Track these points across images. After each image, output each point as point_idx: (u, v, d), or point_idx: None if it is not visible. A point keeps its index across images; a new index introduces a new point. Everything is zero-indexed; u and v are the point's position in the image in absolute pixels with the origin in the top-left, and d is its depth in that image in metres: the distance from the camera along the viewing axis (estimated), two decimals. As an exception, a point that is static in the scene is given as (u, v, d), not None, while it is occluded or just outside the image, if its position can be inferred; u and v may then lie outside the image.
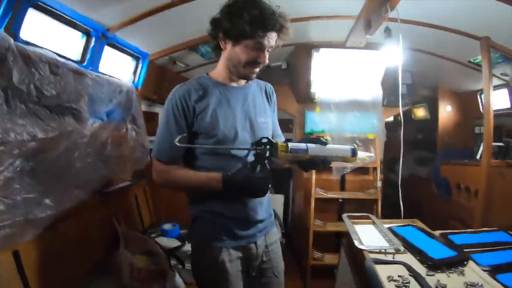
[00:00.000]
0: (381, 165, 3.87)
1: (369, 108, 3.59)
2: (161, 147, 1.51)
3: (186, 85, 1.54)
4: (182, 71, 3.78)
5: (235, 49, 1.47)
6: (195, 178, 1.51)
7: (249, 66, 1.51)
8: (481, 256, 1.63)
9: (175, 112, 1.48)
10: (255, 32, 1.40)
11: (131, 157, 2.79)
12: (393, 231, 1.94)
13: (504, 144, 3.41)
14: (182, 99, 1.48)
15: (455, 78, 4.33)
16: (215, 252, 1.54)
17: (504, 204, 3.21)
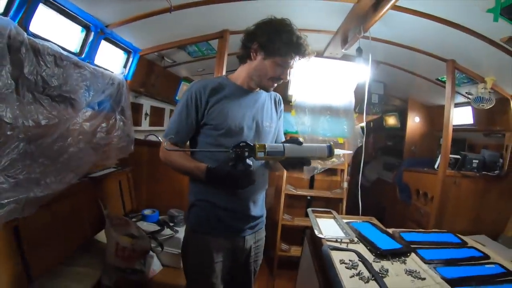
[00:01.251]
0: (349, 167, 4.08)
1: (341, 114, 3.78)
2: (169, 131, 1.66)
3: (205, 81, 1.68)
4: (169, 66, 3.95)
5: (265, 62, 1.61)
6: (186, 164, 1.64)
7: (272, 80, 1.67)
8: (426, 252, 1.83)
9: (188, 103, 1.63)
10: (288, 53, 1.56)
11: (118, 145, 2.94)
12: (350, 225, 2.14)
13: (460, 157, 3.71)
14: (198, 92, 1.62)
15: (424, 92, 4.62)
16: (205, 239, 1.68)
17: (456, 211, 3.57)
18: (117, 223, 2.61)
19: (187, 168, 1.65)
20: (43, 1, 2.00)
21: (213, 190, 1.66)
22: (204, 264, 1.69)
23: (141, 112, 4.05)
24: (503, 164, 3.61)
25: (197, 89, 1.63)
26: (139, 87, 3.56)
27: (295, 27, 1.59)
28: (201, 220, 1.70)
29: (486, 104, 3.25)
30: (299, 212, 4.00)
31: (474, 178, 3.63)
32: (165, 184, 3.36)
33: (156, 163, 3.41)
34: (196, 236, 1.72)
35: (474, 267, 1.71)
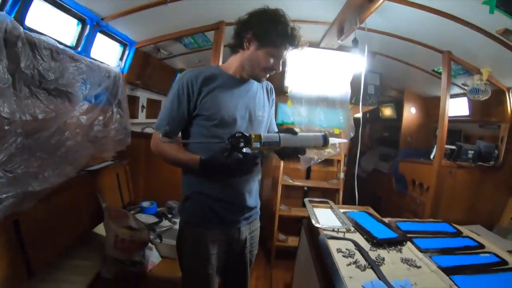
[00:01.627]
0: (345, 158, 4.09)
1: (337, 105, 3.77)
2: (161, 122, 1.62)
3: (197, 70, 1.64)
4: (165, 58, 3.95)
5: (258, 53, 1.59)
6: (179, 156, 1.64)
7: (264, 71, 1.65)
8: (421, 241, 1.85)
9: (179, 92, 1.59)
10: (283, 44, 1.56)
11: (115, 138, 2.95)
12: (347, 215, 2.17)
13: (456, 147, 3.75)
14: (189, 81, 1.59)
15: (420, 83, 4.65)
16: (200, 231, 1.68)
17: (451, 201, 3.61)
18: (116, 215, 2.62)
19: (181, 160, 1.66)
20: (40, -5, 1.99)
21: (208, 182, 1.66)
22: (199, 256, 1.69)
23: (137, 105, 4.05)
24: (499, 155, 3.65)
25: (189, 78, 1.61)
26: (135, 79, 3.56)
27: (288, 18, 1.58)
28: (196, 212, 1.69)
29: (482, 95, 3.28)
30: (296, 203, 4.01)
31: (470, 168, 3.68)
32: (162, 176, 3.37)
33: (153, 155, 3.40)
34: (191, 229, 1.72)
35: (469, 256, 1.73)
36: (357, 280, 1.36)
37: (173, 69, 4.52)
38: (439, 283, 1.40)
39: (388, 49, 3.68)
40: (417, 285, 1.36)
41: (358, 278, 1.38)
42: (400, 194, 4.66)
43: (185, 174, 1.75)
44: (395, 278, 1.39)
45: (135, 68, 3.41)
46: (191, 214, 1.71)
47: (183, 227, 1.76)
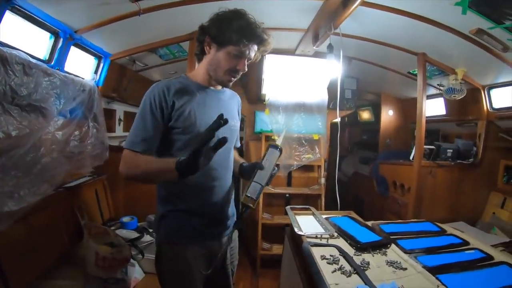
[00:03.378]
0: (325, 163, 4.13)
1: (315, 110, 3.83)
2: (134, 138, 1.47)
3: (166, 82, 1.56)
4: (141, 70, 3.93)
5: (218, 54, 1.55)
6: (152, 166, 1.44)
7: (228, 73, 1.59)
8: (406, 242, 1.85)
9: (152, 105, 1.48)
10: (240, 40, 1.50)
11: (92, 153, 2.90)
12: (330, 221, 2.16)
13: (434, 147, 3.82)
14: (161, 93, 1.50)
15: (396, 86, 4.74)
16: (180, 249, 1.61)
17: (433, 200, 3.68)
18: (96, 232, 2.59)
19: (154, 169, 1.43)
20: (10, 8, 1.96)
21: (184, 197, 1.60)
22: (181, 275, 1.63)
23: (114, 118, 4.01)
24: (477, 152, 3.74)
25: (160, 90, 1.51)
26: (111, 92, 3.53)
27: (250, 16, 1.55)
28: (173, 230, 1.62)
29: (458, 94, 3.36)
30: (278, 210, 4.01)
31: (449, 167, 3.76)
32: (141, 190, 3.33)
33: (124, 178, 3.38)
34: (170, 247, 1.64)
35: (454, 253, 1.74)
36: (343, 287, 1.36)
37: (150, 81, 4.44)
38: (426, 283, 1.40)
39: (363, 53, 3.73)
40: (404, 287, 1.36)
41: (344, 285, 1.37)
42: (382, 196, 4.70)
43: (160, 191, 1.67)
44: (381, 281, 1.39)
45: (110, 80, 3.37)
46: (168, 232, 1.64)
47: (160, 247, 1.67)
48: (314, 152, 3.87)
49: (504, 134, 3.64)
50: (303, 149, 3.85)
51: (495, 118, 3.54)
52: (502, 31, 2.46)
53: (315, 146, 3.92)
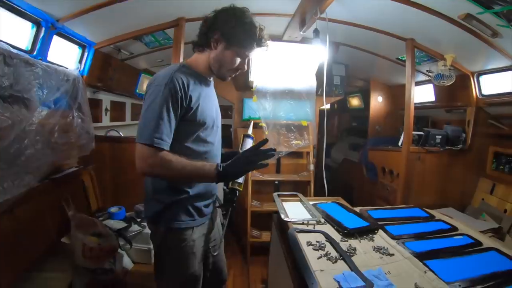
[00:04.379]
0: (314, 150, 4.14)
1: (303, 97, 3.79)
2: (156, 134, 1.44)
3: (183, 72, 1.57)
4: (127, 58, 3.88)
5: (226, 53, 1.59)
6: (188, 167, 1.49)
7: (231, 71, 1.66)
8: (394, 228, 1.86)
9: (173, 97, 1.47)
10: (250, 45, 1.58)
11: (77, 144, 2.88)
12: (317, 207, 2.17)
13: (423, 133, 3.83)
14: (182, 85, 1.50)
15: (386, 72, 4.74)
16: (188, 232, 1.67)
17: (422, 186, 3.70)
18: (83, 223, 2.57)
19: (193, 174, 1.52)
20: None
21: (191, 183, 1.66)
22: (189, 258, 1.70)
23: (101, 108, 3.98)
24: (466, 138, 3.76)
25: (179, 82, 1.50)
26: (96, 82, 3.48)
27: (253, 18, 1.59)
28: (181, 216, 1.66)
29: (447, 81, 3.36)
30: (267, 198, 3.99)
31: (438, 153, 3.78)
32: (129, 180, 3.34)
33: (119, 158, 3.39)
34: (179, 232, 1.66)
35: (443, 239, 1.76)
36: (328, 273, 1.36)
37: (137, 70, 4.46)
38: (413, 269, 1.41)
39: (352, 39, 3.72)
40: (391, 273, 1.37)
41: (330, 271, 1.38)
42: (372, 182, 4.73)
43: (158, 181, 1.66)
44: (367, 267, 1.40)
45: (95, 70, 3.33)
46: (175, 220, 1.66)
47: (167, 233, 1.67)
48: (303, 138, 3.84)
49: (493, 120, 3.65)
50: (291, 135, 3.82)
51: (484, 104, 3.55)
52: (491, 17, 2.45)
53: (304, 132, 3.89)
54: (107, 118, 4.13)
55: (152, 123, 1.44)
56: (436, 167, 3.79)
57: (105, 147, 3.35)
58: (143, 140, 1.44)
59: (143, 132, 1.45)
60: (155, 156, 1.44)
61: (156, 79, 1.53)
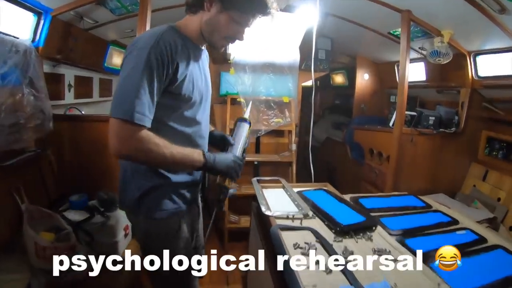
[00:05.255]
0: (296, 128, 3.95)
1: (285, 71, 3.63)
2: (137, 107, 1.22)
3: (170, 35, 1.34)
4: (91, 28, 3.52)
5: (220, 16, 1.36)
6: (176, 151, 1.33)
7: (225, 39, 1.43)
8: (390, 220, 1.74)
9: (158, 64, 1.26)
10: (250, 9, 1.35)
11: (30, 124, 2.54)
12: (303, 195, 1.96)
13: (416, 114, 3.65)
14: (168, 50, 1.28)
15: (374, 48, 4.53)
16: (172, 221, 1.51)
17: (413, 170, 3.55)
18: (37, 217, 2.32)
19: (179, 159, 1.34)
20: None
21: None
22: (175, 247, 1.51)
23: (63, 84, 3.58)
24: (459, 121, 3.60)
25: (167, 46, 1.28)
26: (55, 54, 3.11)
27: None
28: (164, 203, 1.48)
29: (443, 58, 3.18)
30: (245, 180, 3.75)
31: (431, 135, 3.61)
32: (92, 164, 3.06)
33: (80, 140, 3.08)
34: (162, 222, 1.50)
35: (445, 235, 1.67)
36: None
37: (104, 41, 4.08)
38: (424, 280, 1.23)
39: (340, 8, 3.49)
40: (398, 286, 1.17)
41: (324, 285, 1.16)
42: (356, 163, 4.60)
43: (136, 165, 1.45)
44: (370, 280, 1.19)
45: (54, 40, 2.97)
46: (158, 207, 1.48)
47: (150, 224, 1.50)
48: (284, 116, 3.70)
49: (487, 103, 3.49)
50: (272, 112, 3.67)
51: (480, 86, 3.37)
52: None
53: (285, 109, 3.73)
54: (70, 94, 3.74)
55: (132, 94, 1.22)
56: (428, 151, 3.63)
57: (65, 127, 3.01)
58: (120, 114, 1.22)
59: (121, 105, 1.23)
60: (136, 135, 1.24)
61: (138, 41, 1.30)
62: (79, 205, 2.76)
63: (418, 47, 3.62)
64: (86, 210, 2.74)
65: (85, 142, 3.06)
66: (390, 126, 3.62)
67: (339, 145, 5.30)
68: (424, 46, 3.47)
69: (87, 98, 4.15)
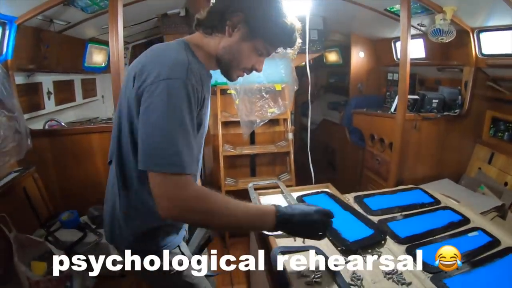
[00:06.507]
0: (292, 116, 3.87)
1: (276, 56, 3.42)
2: (184, 155, 1.03)
3: (196, 65, 1.16)
4: (64, 29, 3.35)
5: (243, 45, 1.21)
6: (244, 210, 1.14)
7: (243, 70, 1.29)
8: (398, 225, 1.66)
9: (191, 103, 1.08)
10: (278, 42, 1.24)
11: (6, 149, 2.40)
12: (304, 202, 1.86)
13: (418, 97, 3.51)
14: (199, 84, 1.13)
15: (368, 25, 4.36)
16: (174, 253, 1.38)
17: (418, 157, 3.45)
18: (27, 245, 2.19)
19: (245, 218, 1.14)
20: None
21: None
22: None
23: (41, 92, 3.43)
24: (463, 102, 3.47)
25: (197, 80, 1.11)
26: (27, 64, 2.97)
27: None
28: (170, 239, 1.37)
29: (446, 37, 3.02)
30: (242, 173, 3.78)
31: (435, 119, 3.47)
32: (78, 178, 2.96)
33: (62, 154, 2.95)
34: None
35: (457, 239, 1.56)
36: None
37: (81, 40, 3.90)
38: None
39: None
40: None
41: None
42: (357, 147, 4.49)
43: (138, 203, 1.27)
44: None
45: (24, 50, 2.83)
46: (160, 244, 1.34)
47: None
48: (278, 105, 3.56)
49: (491, 82, 3.34)
50: (264, 102, 3.53)
51: (485, 65, 3.21)
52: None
53: (278, 98, 3.59)
54: (51, 102, 3.59)
55: (179, 139, 1.02)
56: (432, 136, 3.50)
57: (45, 142, 2.88)
58: (168, 167, 1.00)
59: (165, 153, 1.01)
60: (190, 190, 1.02)
61: (162, 69, 1.07)
62: (71, 224, 2.66)
63: (417, 23, 3.47)
64: (79, 228, 2.65)
65: (68, 156, 2.97)
66: (392, 112, 3.51)
67: (336, 127, 5.17)
68: (424, 23, 3.33)
69: (70, 103, 4.03)
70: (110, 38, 2.61)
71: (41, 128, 3.31)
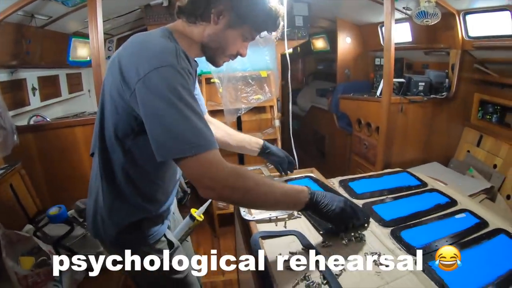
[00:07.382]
0: (278, 103, 3.86)
1: (260, 43, 3.46)
2: (207, 134, 1.04)
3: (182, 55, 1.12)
4: (47, 24, 3.32)
5: (228, 32, 1.22)
6: (280, 186, 1.19)
7: (228, 56, 1.31)
8: (383, 208, 1.66)
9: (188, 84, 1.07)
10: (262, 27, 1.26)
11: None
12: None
13: (404, 80, 3.53)
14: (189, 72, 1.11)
15: (354, 10, 4.36)
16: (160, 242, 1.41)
17: (405, 140, 3.49)
18: (15, 241, 2.20)
19: (281, 195, 1.18)
20: None
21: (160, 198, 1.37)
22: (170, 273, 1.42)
23: (26, 89, 3.43)
24: (450, 84, 3.49)
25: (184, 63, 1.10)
26: (9, 60, 2.97)
27: None
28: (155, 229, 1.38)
29: (431, 19, 3.03)
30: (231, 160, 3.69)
31: (422, 103, 3.51)
32: (64, 172, 2.98)
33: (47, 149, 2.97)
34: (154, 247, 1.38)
35: (444, 221, 1.56)
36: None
37: (64, 35, 3.87)
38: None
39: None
40: None
41: None
42: (345, 133, 4.55)
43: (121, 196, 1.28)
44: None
45: (4, 46, 2.85)
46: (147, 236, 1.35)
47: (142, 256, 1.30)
48: (264, 91, 3.58)
49: (479, 65, 3.37)
50: (250, 89, 3.55)
51: (472, 47, 3.24)
52: None
53: (264, 84, 3.60)
54: (36, 98, 3.59)
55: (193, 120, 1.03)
56: (419, 119, 3.55)
57: (30, 138, 2.90)
58: (198, 148, 1.01)
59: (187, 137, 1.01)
60: (227, 168, 1.05)
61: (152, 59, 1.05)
62: (58, 218, 2.60)
63: (402, 7, 3.46)
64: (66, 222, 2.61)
65: (53, 151, 2.99)
66: (378, 95, 3.54)
67: (325, 113, 5.20)
68: (409, 6, 3.32)
69: (56, 98, 4.02)
70: (90, 30, 2.61)
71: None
